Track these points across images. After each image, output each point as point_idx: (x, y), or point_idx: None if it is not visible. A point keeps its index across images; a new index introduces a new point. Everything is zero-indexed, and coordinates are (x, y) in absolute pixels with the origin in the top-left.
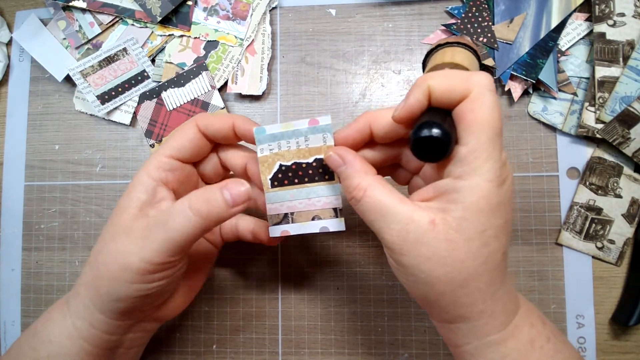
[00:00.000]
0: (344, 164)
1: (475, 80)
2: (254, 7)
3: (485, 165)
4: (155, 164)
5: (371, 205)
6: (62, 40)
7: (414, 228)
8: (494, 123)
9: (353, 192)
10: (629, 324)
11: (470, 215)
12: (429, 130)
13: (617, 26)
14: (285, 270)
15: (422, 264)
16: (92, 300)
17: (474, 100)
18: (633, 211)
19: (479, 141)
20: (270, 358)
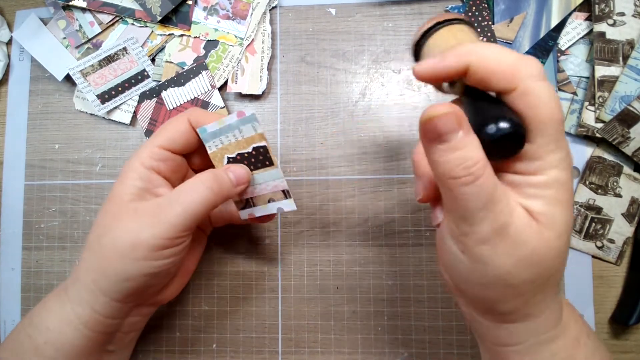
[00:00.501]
0: (460, 130)
1: (526, 70)
2: (253, 7)
3: (557, 157)
4: (148, 153)
5: (486, 189)
6: (62, 39)
7: (515, 222)
8: (557, 115)
9: (472, 167)
10: (629, 323)
11: (556, 210)
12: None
13: (617, 25)
14: (285, 269)
15: (513, 265)
16: (96, 283)
17: (529, 95)
18: (633, 210)
19: (548, 137)
20: (270, 357)
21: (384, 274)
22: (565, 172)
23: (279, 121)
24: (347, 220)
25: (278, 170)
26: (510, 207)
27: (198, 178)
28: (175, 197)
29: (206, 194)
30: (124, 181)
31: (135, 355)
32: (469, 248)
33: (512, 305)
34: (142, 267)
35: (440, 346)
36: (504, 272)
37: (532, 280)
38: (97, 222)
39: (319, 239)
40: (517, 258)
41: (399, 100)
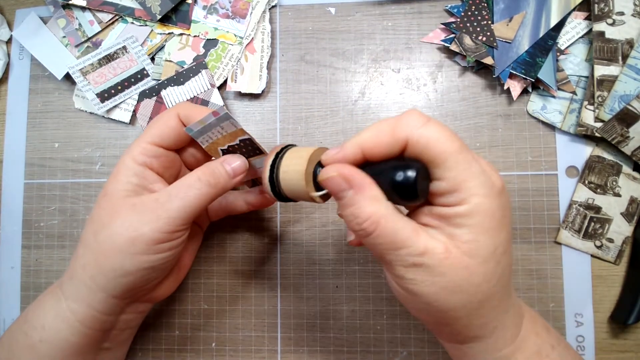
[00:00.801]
0: (350, 188)
1: (403, 130)
2: (253, 6)
3: (475, 184)
4: (140, 150)
5: (384, 238)
6: (61, 38)
7: (429, 259)
8: (453, 145)
9: (363, 224)
10: (628, 322)
11: (480, 237)
12: (404, 174)
13: (616, 25)
14: (284, 268)
15: (437, 294)
16: (93, 279)
17: (418, 144)
18: (632, 210)
19: (454, 168)
20: (269, 356)
21: (383, 273)
22: (488, 198)
23: (278, 120)
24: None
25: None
26: (419, 246)
27: (195, 172)
28: (174, 192)
29: (204, 187)
30: (117, 178)
31: (134, 354)
32: (397, 282)
33: (453, 328)
34: (141, 261)
35: (439, 345)
36: (430, 300)
37: (461, 306)
38: (92, 218)
39: (318, 237)
40: (439, 287)
41: (398, 100)
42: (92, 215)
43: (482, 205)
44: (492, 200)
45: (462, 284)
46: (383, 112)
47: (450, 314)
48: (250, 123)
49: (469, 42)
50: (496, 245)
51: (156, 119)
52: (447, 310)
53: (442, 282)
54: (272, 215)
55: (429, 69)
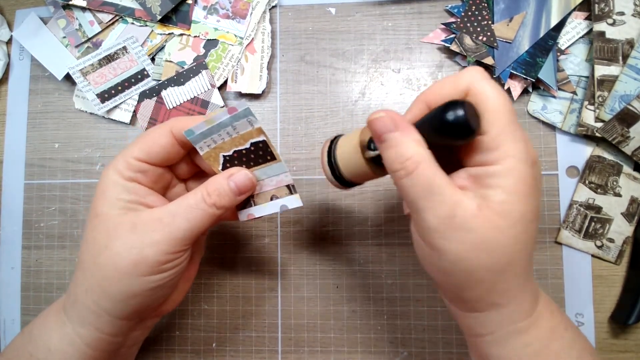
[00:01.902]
0: (396, 130)
1: (465, 79)
2: (253, 6)
3: (514, 147)
4: (125, 165)
5: (422, 180)
6: (62, 38)
7: (461, 212)
8: (506, 106)
9: (405, 162)
10: (628, 322)
11: (512, 198)
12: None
13: (617, 25)
14: (284, 269)
15: (466, 251)
16: (98, 303)
17: (476, 95)
18: (632, 210)
19: (500, 126)
20: (269, 356)
21: (383, 273)
22: (523, 163)
23: (278, 120)
24: (347, 220)
25: (282, 164)
26: (453, 198)
27: (200, 191)
28: (178, 212)
29: (209, 208)
30: (106, 195)
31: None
32: (424, 236)
33: (475, 293)
34: (146, 282)
35: (439, 345)
36: (457, 259)
37: (488, 267)
38: (87, 241)
39: (318, 238)
40: (468, 245)
41: (399, 100)
42: (85, 238)
43: (516, 168)
44: (526, 167)
45: (491, 243)
46: None
47: (475, 275)
48: None
49: (469, 42)
50: (526, 210)
51: (146, 133)
52: (472, 270)
53: (471, 238)
54: (273, 216)
55: (429, 69)
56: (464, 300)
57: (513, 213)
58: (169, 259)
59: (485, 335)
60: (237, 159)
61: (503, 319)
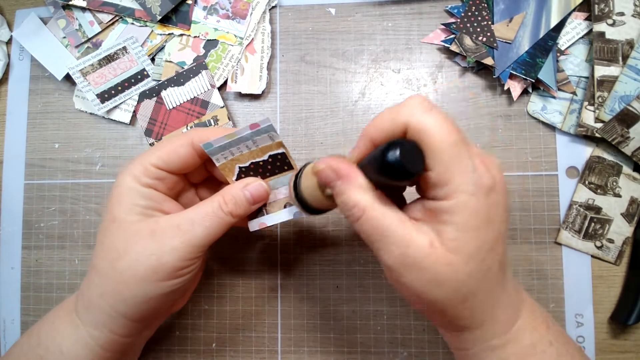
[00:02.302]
0: (338, 179)
1: (404, 114)
2: (253, 6)
3: (463, 181)
4: (142, 171)
5: (370, 226)
6: (62, 38)
7: (413, 252)
8: (449, 138)
9: (351, 210)
10: (628, 323)
11: (464, 236)
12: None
13: (617, 25)
14: (284, 269)
15: (422, 287)
16: (114, 307)
17: (415, 132)
18: (632, 210)
19: (445, 161)
20: (269, 356)
21: (383, 274)
22: (475, 196)
23: (278, 121)
24: (347, 220)
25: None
26: (404, 239)
27: (216, 199)
28: (196, 219)
29: (226, 216)
30: (122, 200)
31: None
32: (385, 271)
33: (443, 318)
34: (163, 287)
35: (439, 346)
36: (416, 292)
37: (446, 300)
38: (103, 245)
39: (318, 238)
40: (424, 281)
41: (399, 100)
42: (101, 242)
43: (466, 204)
44: (477, 199)
45: (445, 279)
46: None
47: (438, 305)
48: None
49: (469, 43)
50: (481, 243)
51: (166, 141)
52: (433, 302)
53: (426, 275)
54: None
55: (429, 69)
56: (437, 321)
57: (466, 249)
58: (186, 265)
59: (463, 350)
60: (252, 169)
61: (475, 338)
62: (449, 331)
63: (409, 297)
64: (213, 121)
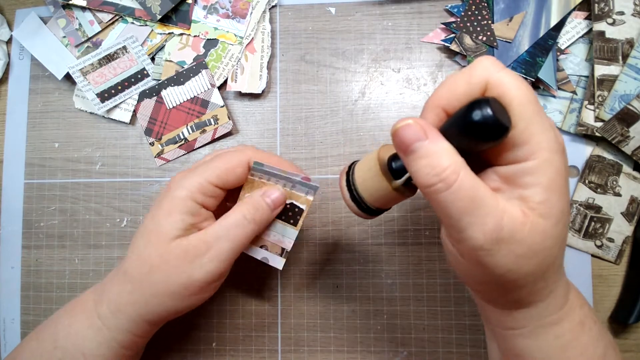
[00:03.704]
0: (426, 138)
1: (480, 73)
2: (253, 6)
3: (545, 138)
4: (199, 188)
5: (465, 193)
6: (62, 38)
7: (507, 222)
8: (530, 94)
9: (442, 174)
10: (629, 322)
11: (552, 195)
12: (481, 109)
13: (617, 24)
14: (284, 268)
15: (513, 263)
16: (143, 316)
17: (495, 88)
18: (632, 209)
19: (528, 117)
20: (269, 356)
21: (383, 273)
22: (556, 155)
23: (278, 120)
24: (347, 219)
25: (296, 233)
26: (499, 208)
27: (239, 210)
28: (221, 232)
29: (249, 227)
30: (172, 214)
31: None
32: (467, 253)
33: (516, 296)
34: (192, 300)
35: (439, 345)
36: (504, 272)
37: (532, 272)
38: (141, 255)
39: (318, 237)
40: (515, 256)
41: (399, 99)
42: (138, 250)
43: (551, 161)
44: (560, 157)
45: (537, 249)
46: (383, 112)
47: (519, 281)
48: (251, 123)
49: (469, 42)
50: (565, 204)
51: (223, 159)
52: (519, 278)
53: (519, 249)
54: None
55: (429, 68)
56: (502, 302)
57: (554, 211)
58: (215, 279)
59: (517, 329)
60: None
61: (538, 313)
62: (508, 309)
63: (483, 281)
64: (213, 120)
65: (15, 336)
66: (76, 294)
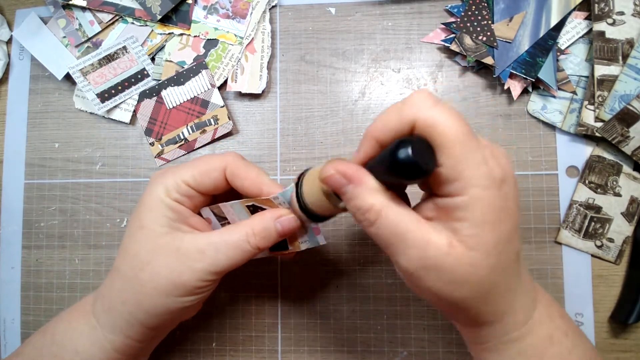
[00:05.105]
0: (349, 183)
1: (410, 110)
2: (253, 6)
3: (475, 174)
4: (174, 186)
5: (386, 229)
6: (62, 38)
7: (433, 253)
8: (459, 131)
9: (365, 214)
10: (628, 322)
11: (481, 231)
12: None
13: (617, 25)
14: (284, 268)
15: (443, 288)
16: (133, 315)
17: (424, 127)
18: (632, 210)
19: (456, 156)
20: (269, 356)
21: (383, 273)
22: (488, 189)
23: (278, 120)
24: (347, 219)
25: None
26: (423, 240)
27: (246, 233)
28: (221, 248)
29: (250, 252)
30: (152, 210)
31: None
32: (403, 276)
33: (463, 316)
34: (181, 302)
35: (439, 345)
36: (437, 294)
37: (469, 297)
38: (128, 252)
39: None
40: (444, 282)
41: (399, 99)
42: (126, 248)
43: (480, 197)
44: (491, 192)
45: (467, 277)
46: None
47: (458, 304)
48: (251, 123)
49: (469, 42)
50: (498, 237)
51: (201, 161)
52: (454, 302)
53: (446, 277)
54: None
55: (429, 68)
56: (456, 320)
57: (484, 245)
58: (204, 285)
59: (483, 344)
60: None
61: (496, 332)
62: (467, 327)
63: (429, 299)
64: (213, 120)
65: (15, 336)
66: (76, 294)
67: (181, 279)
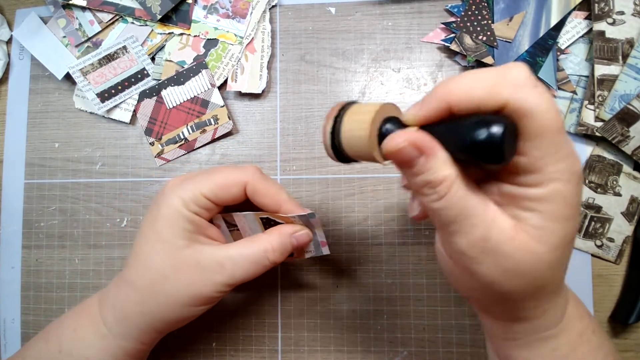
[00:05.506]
0: (421, 155)
1: (506, 89)
2: (253, 6)
3: (559, 168)
4: (191, 198)
5: (454, 204)
6: (62, 38)
7: (496, 234)
8: (554, 124)
9: (437, 187)
10: (629, 322)
11: (553, 224)
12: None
13: (617, 24)
14: (284, 268)
15: (499, 275)
16: (151, 325)
17: (517, 110)
18: (632, 209)
19: (544, 148)
20: (269, 356)
21: (383, 273)
22: (569, 184)
23: (278, 120)
24: (347, 219)
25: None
26: (487, 220)
27: (265, 249)
28: (239, 262)
29: (268, 266)
30: (172, 224)
31: None
32: (454, 258)
33: (506, 310)
34: (197, 310)
35: (439, 345)
36: (489, 282)
37: (521, 290)
38: (148, 264)
39: None
40: (502, 269)
41: (399, 99)
42: (143, 259)
43: (560, 192)
44: (571, 188)
45: (526, 269)
46: None
47: (507, 296)
48: (251, 123)
49: (469, 42)
50: (567, 234)
51: (221, 174)
52: (504, 292)
53: (506, 264)
54: None
55: (429, 68)
56: (493, 313)
57: (551, 240)
58: (220, 295)
59: (512, 340)
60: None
61: (533, 328)
62: (502, 321)
63: (473, 289)
64: (213, 120)
65: (15, 336)
66: (76, 293)
67: (200, 291)
